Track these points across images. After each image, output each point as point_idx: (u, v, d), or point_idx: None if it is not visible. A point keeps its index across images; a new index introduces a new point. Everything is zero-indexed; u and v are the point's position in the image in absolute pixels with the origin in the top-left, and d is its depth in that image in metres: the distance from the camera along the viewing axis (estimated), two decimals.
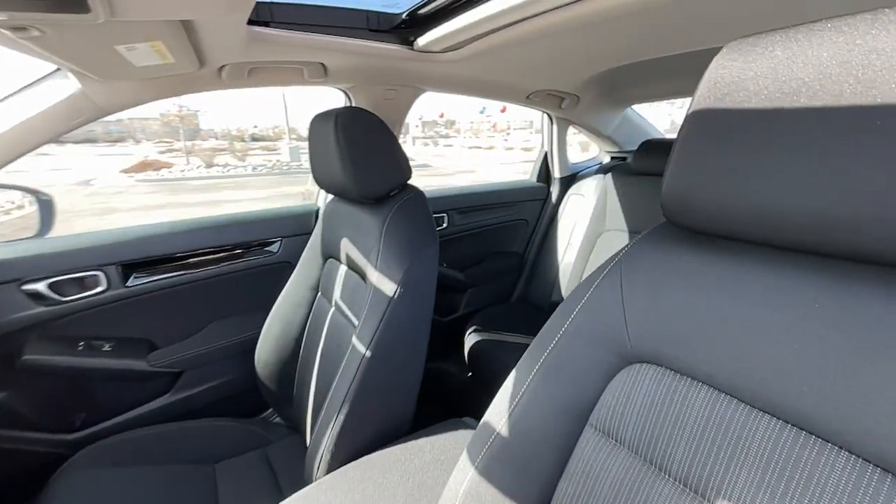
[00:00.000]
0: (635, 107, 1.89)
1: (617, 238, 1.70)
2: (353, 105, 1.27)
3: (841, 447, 0.37)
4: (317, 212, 1.42)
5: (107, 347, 1.14)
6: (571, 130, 1.89)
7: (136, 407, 1.19)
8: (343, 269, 1.03)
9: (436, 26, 0.94)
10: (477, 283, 1.80)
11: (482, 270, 1.81)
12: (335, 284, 1.05)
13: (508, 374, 0.62)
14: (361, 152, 0.87)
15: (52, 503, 0.84)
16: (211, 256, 1.26)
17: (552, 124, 1.82)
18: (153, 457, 0.98)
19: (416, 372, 0.87)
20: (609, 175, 1.77)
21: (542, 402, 0.57)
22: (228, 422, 1.14)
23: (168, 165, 16.81)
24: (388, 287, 0.82)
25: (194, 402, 1.25)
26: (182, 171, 15.97)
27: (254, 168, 16.80)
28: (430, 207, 0.95)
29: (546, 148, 1.90)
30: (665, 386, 0.49)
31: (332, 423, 0.80)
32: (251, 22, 0.80)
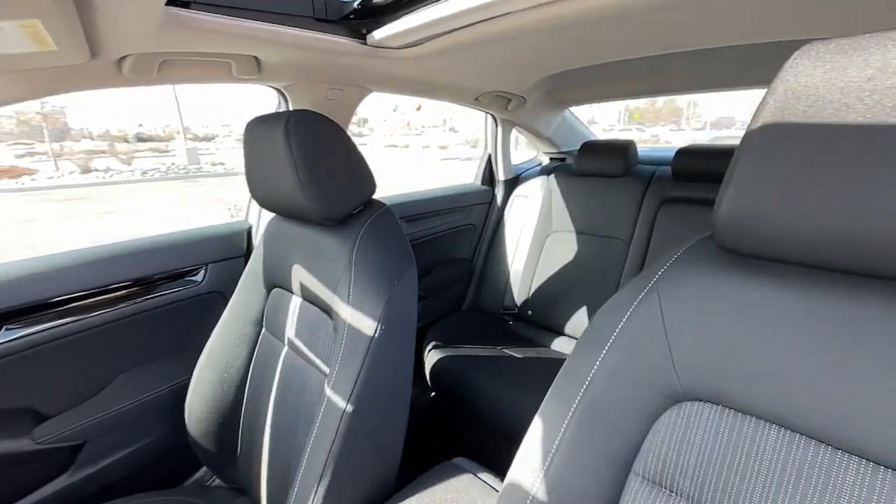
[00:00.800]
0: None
1: (565, 238, 1.71)
2: (291, 107, 1.10)
3: None
4: (248, 230, 1.22)
5: None
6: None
7: (21, 498, 0.92)
8: (296, 300, 0.88)
9: (394, 19, 0.83)
10: (429, 295, 1.71)
11: (433, 280, 1.72)
12: (287, 318, 0.89)
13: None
14: (320, 165, 0.72)
15: None
16: (113, 295, 1.01)
17: (497, 126, 1.78)
18: None
19: (402, 416, 0.75)
20: (552, 176, 1.78)
21: (582, 454, 0.50)
22: (153, 497, 0.92)
23: (30, 172, 14.16)
24: (367, 325, 0.69)
25: (103, 477, 0.99)
26: (50, 177, 13.57)
27: (143, 172, 14.86)
28: None
29: (490, 150, 1.86)
30: (727, 426, 0.45)
31: (314, 494, 0.65)
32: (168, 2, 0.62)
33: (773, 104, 0.38)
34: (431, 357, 1.44)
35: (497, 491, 0.72)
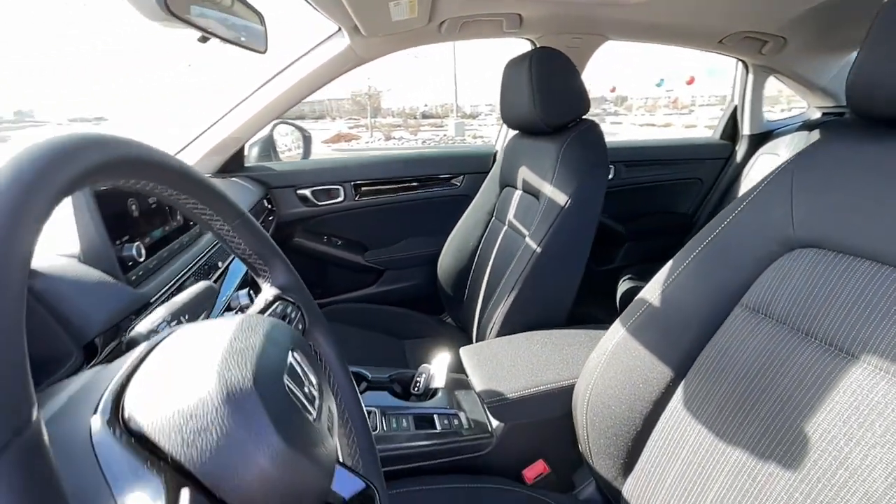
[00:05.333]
0: None
1: None
2: None
3: None
4: (495, 154, 1.63)
5: (339, 243, 1.57)
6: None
7: (352, 291, 1.61)
8: (518, 193, 1.22)
9: None
10: (636, 239, 1.81)
11: (643, 226, 1.80)
12: (510, 207, 1.25)
13: None
14: (548, 84, 1.02)
15: None
16: (411, 184, 1.59)
17: (747, 73, 1.67)
18: (359, 324, 1.33)
19: (576, 274, 1.01)
20: (816, 133, 1.56)
21: (698, 279, 0.66)
22: (414, 314, 1.46)
23: (357, 138, 19.65)
24: (561, 199, 0.97)
25: (390, 295, 1.61)
26: (367, 142, 18.52)
27: (423, 142, 18.48)
28: None
29: (736, 101, 1.75)
30: (825, 265, 0.53)
31: (503, 303, 1.00)
32: None
33: None
34: (623, 286, 1.59)
35: None
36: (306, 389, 0.30)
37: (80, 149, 0.22)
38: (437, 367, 0.90)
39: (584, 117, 1.10)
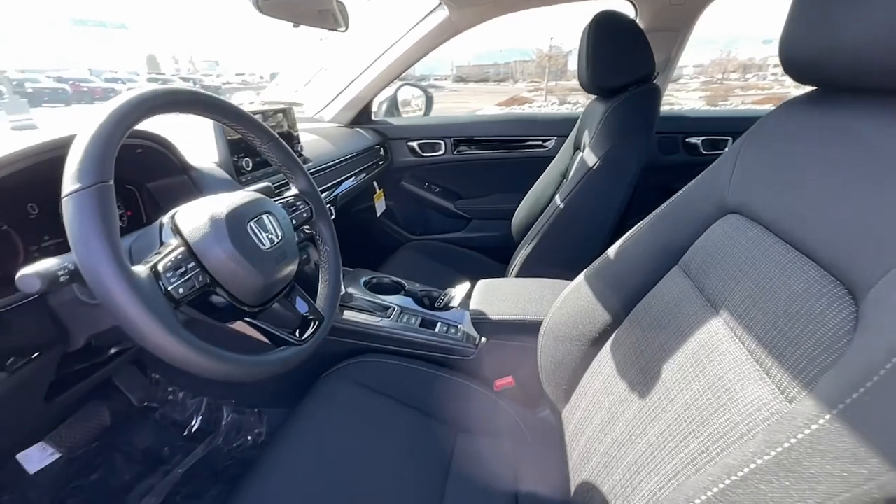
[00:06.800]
0: None
1: None
2: (639, 14, 1.37)
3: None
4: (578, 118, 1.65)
5: (437, 190, 1.84)
6: None
7: (443, 232, 1.88)
8: (580, 155, 1.27)
9: None
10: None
11: None
12: (572, 169, 1.31)
13: None
14: (602, 48, 1.05)
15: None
16: (504, 143, 1.74)
17: None
18: (439, 260, 1.59)
19: (598, 235, 1.07)
20: None
21: (647, 239, 0.71)
22: (485, 259, 1.66)
23: (531, 101, 19.44)
24: (591, 160, 1.03)
25: (473, 241, 1.83)
26: (539, 106, 18.18)
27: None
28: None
29: None
30: (737, 230, 0.56)
31: (523, 251, 1.13)
32: None
33: None
34: None
35: None
36: (267, 235, 0.56)
37: (160, 91, 0.51)
38: (458, 291, 1.11)
39: (651, 81, 1.09)
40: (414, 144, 1.77)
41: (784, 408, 0.38)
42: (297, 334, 0.61)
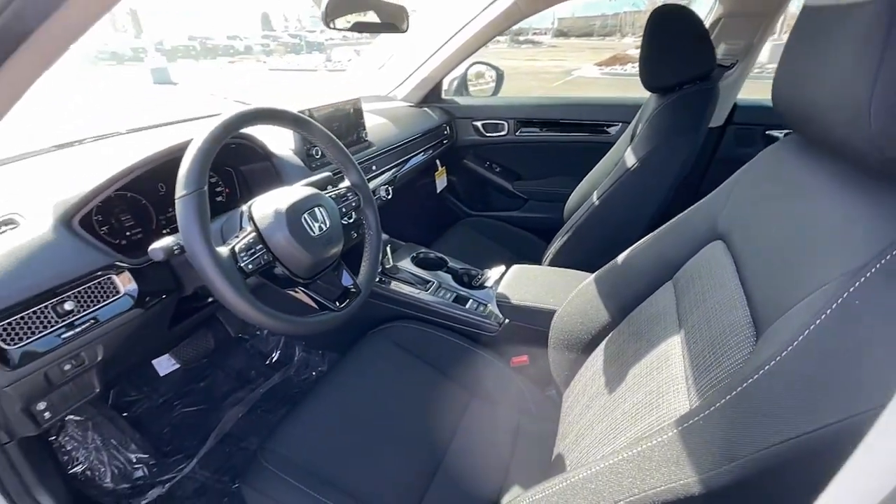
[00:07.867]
0: None
1: None
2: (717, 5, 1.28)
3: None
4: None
5: (497, 169, 1.91)
6: None
7: (501, 210, 1.96)
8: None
9: None
10: None
11: None
12: (618, 163, 1.32)
13: None
14: (657, 44, 1.03)
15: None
16: (565, 127, 1.74)
17: None
18: (492, 237, 1.68)
19: (629, 236, 1.09)
20: None
21: (653, 250, 0.76)
22: (536, 240, 1.72)
23: (634, 61, 17.62)
24: (630, 161, 1.04)
25: (528, 222, 1.89)
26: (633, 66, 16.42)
27: None
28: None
29: None
30: (716, 257, 0.60)
31: (557, 241, 1.19)
32: None
33: None
34: None
35: None
36: (317, 224, 0.73)
37: (248, 111, 0.68)
38: (494, 273, 1.22)
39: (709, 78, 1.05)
40: (478, 124, 1.84)
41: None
42: (337, 303, 0.78)
